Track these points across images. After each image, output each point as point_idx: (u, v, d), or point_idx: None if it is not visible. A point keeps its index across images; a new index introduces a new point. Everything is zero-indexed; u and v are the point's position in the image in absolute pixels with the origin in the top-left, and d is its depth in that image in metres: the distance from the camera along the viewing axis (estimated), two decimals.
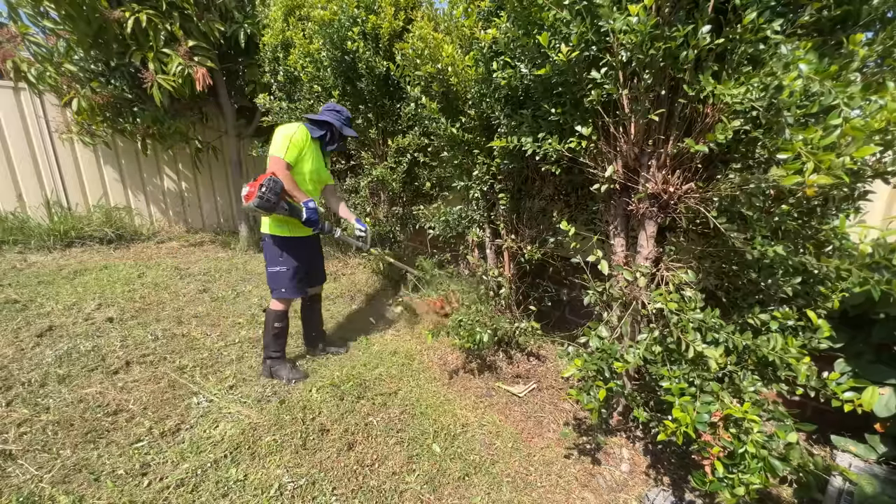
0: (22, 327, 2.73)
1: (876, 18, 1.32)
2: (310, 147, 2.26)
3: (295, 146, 2.16)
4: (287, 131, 2.16)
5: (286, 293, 2.31)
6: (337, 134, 2.37)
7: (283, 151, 2.13)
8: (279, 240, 2.27)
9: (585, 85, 1.63)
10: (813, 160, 1.03)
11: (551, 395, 2.36)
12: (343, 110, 2.39)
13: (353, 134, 2.43)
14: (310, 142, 2.25)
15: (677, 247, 1.81)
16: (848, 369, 1.76)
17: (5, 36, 3.87)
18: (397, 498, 1.65)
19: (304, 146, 2.21)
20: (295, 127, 2.19)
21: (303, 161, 2.25)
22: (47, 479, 1.60)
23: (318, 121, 2.32)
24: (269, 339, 2.37)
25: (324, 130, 2.34)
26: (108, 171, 5.11)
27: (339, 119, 2.35)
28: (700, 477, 1.37)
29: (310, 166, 2.29)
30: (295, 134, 2.16)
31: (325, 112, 2.36)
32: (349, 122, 2.42)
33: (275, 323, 2.35)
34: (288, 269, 2.29)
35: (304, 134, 2.22)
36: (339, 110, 2.37)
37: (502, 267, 2.71)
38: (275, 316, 2.35)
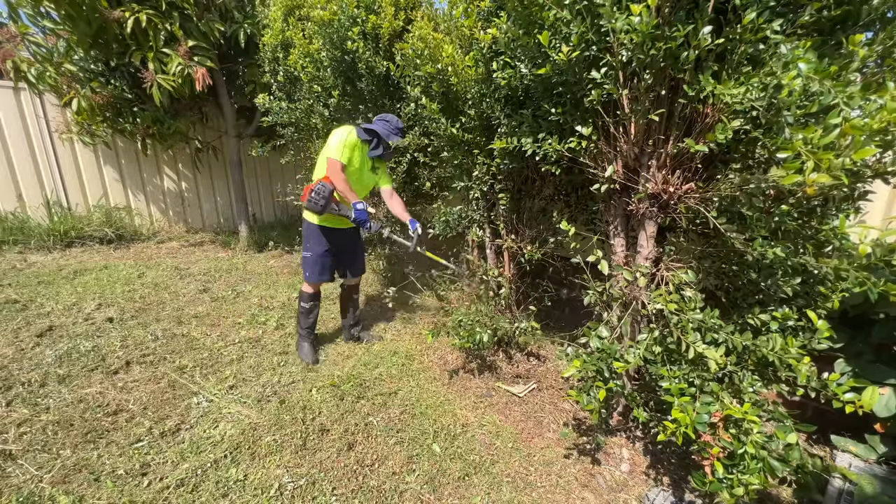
0: (22, 327, 2.73)
1: (876, 18, 1.32)
2: (359, 151, 2.39)
3: (347, 148, 2.31)
4: (341, 135, 2.30)
5: (308, 277, 2.51)
6: (384, 142, 2.44)
7: (339, 153, 2.28)
8: (309, 226, 2.47)
9: (585, 85, 1.63)
10: (813, 159, 1.03)
11: (551, 395, 2.36)
12: (393, 120, 2.44)
13: (397, 141, 2.46)
14: (359, 146, 2.38)
15: (677, 247, 1.81)
16: (848, 369, 1.76)
17: (5, 36, 3.87)
18: (397, 498, 1.65)
19: (355, 148, 2.36)
20: (348, 130, 2.34)
21: (349, 164, 2.37)
22: (47, 479, 1.60)
23: (368, 129, 2.41)
24: (299, 316, 2.62)
25: (371, 137, 2.43)
26: (108, 171, 5.11)
27: (387, 128, 2.41)
28: (700, 477, 1.37)
29: (354, 170, 2.40)
30: (348, 136, 2.31)
31: (377, 122, 2.44)
32: (399, 132, 2.46)
33: (302, 303, 2.57)
34: (311, 255, 2.48)
35: (356, 135, 2.36)
36: (388, 120, 2.44)
37: (502, 267, 2.71)
38: (303, 297, 2.57)
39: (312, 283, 2.54)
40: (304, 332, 2.63)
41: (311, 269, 2.49)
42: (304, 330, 2.63)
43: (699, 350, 1.42)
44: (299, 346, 2.65)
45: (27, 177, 4.65)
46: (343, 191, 2.30)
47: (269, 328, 3.00)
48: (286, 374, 2.41)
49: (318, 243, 2.48)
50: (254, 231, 5.41)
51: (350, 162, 2.36)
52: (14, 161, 4.56)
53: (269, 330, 2.97)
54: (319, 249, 2.47)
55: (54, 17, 3.71)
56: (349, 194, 2.32)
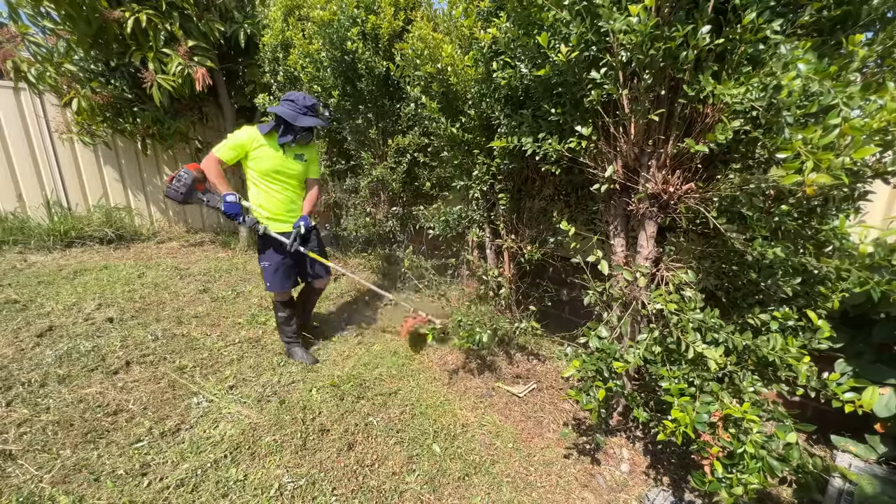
0: (22, 327, 2.73)
1: (876, 18, 1.32)
2: (262, 146, 2.23)
3: (233, 147, 2.20)
4: (235, 133, 2.22)
5: (270, 287, 2.42)
6: (295, 126, 2.21)
7: (220, 149, 2.21)
8: (262, 237, 2.35)
9: (585, 85, 1.63)
10: (812, 159, 1.03)
11: (551, 395, 2.36)
12: (300, 98, 2.21)
13: (310, 123, 2.21)
14: (259, 141, 2.23)
15: (677, 247, 1.81)
16: (848, 369, 1.76)
17: (5, 36, 3.87)
18: (397, 498, 1.65)
19: (250, 147, 2.22)
20: (244, 128, 2.24)
21: (256, 160, 2.25)
22: (47, 479, 1.60)
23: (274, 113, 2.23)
24: (279, 325, 2.58)
25: (274, 124, 2.25)
26: (108, 171, 5.11)
27: (294, 108, 2.19)
28: (699, 477, 1.37)
29: (266, 165, 2.27)
30: (238, 134, 2.22)
31: (282, 102, 2.23)
32: (310, 111, 2.23)
33: (277, 313, 2.53)
34: (269, 265, 2.38)
35: (251, 135, 2.22)
36: (293, 99, 2.21)
37: (502, 267, 2.71)
38: (276, 307, 2.52)
39: (274, 291, 2.45)
40: (290, 339, 2.60)
41: (272, 278, 2.39)
42: (290, 337, 2.59)
43: (699, 350, 1.42)
44: (291, 352, 2.60)
45: (27, 177, 4.65)
46: (214, 181, 2.22)
47: (269, 328, 3.00)
48: (286, 374, 2.41)
49: (275, 251, 2.37)
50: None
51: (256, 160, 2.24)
52: (14, 161, 4.56)
53: (269, 330, 2.97)
54: (277, 256, 2.37)
55: (54, 17, 3.71)
56: (221, 186, 2.22)
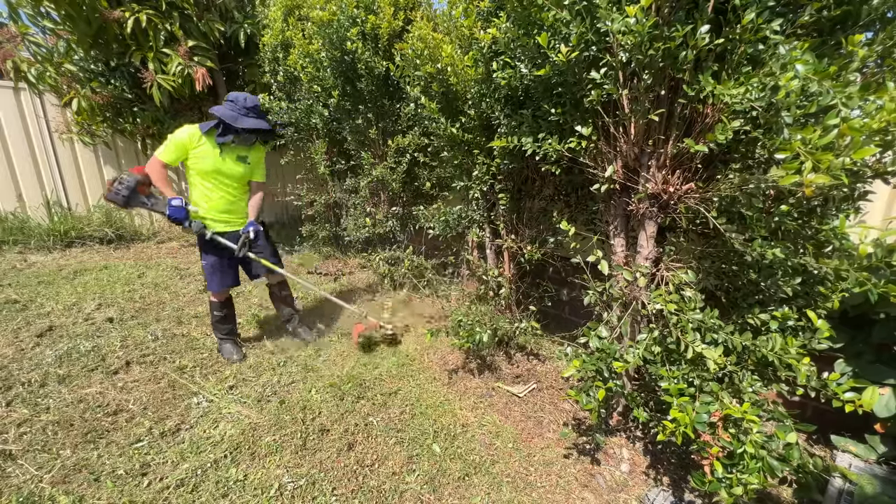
0: (22, 327, 2.73)
1: (876, 18, 1.32)
2: (202, 145, 2.19)
3: (175, 147, 2.16)
4: (175, 132, 2.17)
5: (209, 286, 2.40)
6: (233, 127, 2.17)
7: (161, 150, 2.16)
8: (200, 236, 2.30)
9: (585, 85, 1.63)
10: (811, 160, 1.03)
11: (551, 395, 2.36)
12: (241, 98, 2.20)
13: (251, 125, 2.18)
14: (199, 140, 2.19)
15: (677, 247, 1.81)
16: (848, 369, 1.76)
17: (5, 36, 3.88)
18: (397, 498, 1.65)
19: (191, 146, 2.18)
20: (186, 127, 2.18)
21: (195, 160, 2.21)
22: (47, 479, 1.61)
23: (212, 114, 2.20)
24: (214, 324, 2.54)
25: (213, 123, 2.21)
26: (108, 171, 5.11)
27: (233, 109, 2.17)
28: (699, 477, 1.37)
29: (204, 166, 2.22)
30: (178, 133, 2.17)
31: (224, 102, 2.22)
32: (251, 112, 2.21)
33: (214, 311, 2.48)
34: (209, 264, 2.35)
35: (191, 134, 2.17)
36: (233, 99, 2.19)
37: (502, 267, 2.71)
38: (213, 305, 2.47)
39: (214, 291, 2.42)
40: (224, 336, 2.56)
41: (211, 278, 2.37)
42: (224, 335, 2.56)
43: (698, 350, 1.42)
44: (220, 347, 2.57)
45: (27, 177, 4.65)
46: (159, 185, 2.19)
47: (270, 328, 3.00)
48: (286, 374, 2.41)
49: (213, 251, 2.34)
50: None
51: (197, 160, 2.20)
52: (14, 161, 4.56)
53: (270, 330, 2.97)
54: (213, 257, 2.34)
55: (54, 17, 3.71)
56: (166, 190, 2.20)
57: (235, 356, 2.52)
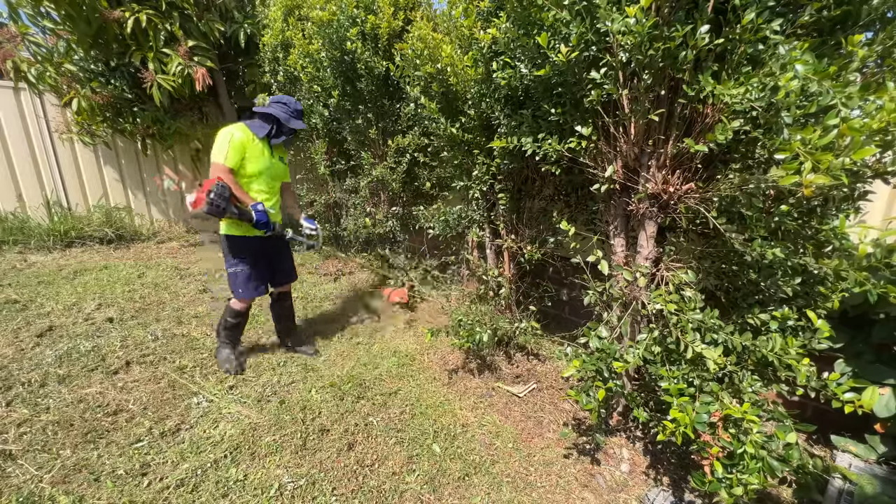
0: (22, 327, 2.73)
1: (876, 18, 1.32)
2: (254, 147, 2.17)
3: (235, 149, 2.08)
4: (226, 135, 2.08)
5: (243, 294, 2.28)
6: (286, 128, 2.25)
7: (224, 156, 2.05)
8: (235, 240, 2.22)
9: (585, 85, 1.63)
10: (811, 160, 1.03)
11: (551, 395, 2.36)
12: (292, 102, 2.26)
13: (301, 126, 2.28)
14: (254, 142, 2.17)
15: (677, 247, 1.81)
16: (848, 369, 1.76)
17: (5, 36, 3.87)
18: (397, 498, 1.65)
19: (247, 147, 2.13)
20: (232, 129, 2.11)
21: (247, 163, 2.16)
22: (47, 479, 1.61)
23: (264, 114, 2.22)
24: (220, 327, 2.41)
25: (269, 125, 2.22)
26: (108, 171, 5.11)
27: (286, 111, 2.22)
28: (699, 477, 1.37)
29: (256, 167, 2.19)
30: (234, 136, 2.08)
31: (272, 104, 2.24)
32: (299, 114, 2.29)
33: (229, 318, 2.37)
34: (244, 271, 2.25)
35: (245, 134, 2.14)
36: (286, 102, 2.24)
37: (502, 267, 2.71)
38: (231, 313, 2.36)
39: (246, 299, 2.32)
40: (226, 342, 2.44)
41: (245, 285, 2.27)
42: (226, 341, 2.44)
43: (698, 350, 1.42)
44: (218, 351, 2.46)
45: (27, 177, 4.65)
46: (237, 194, 2.10)
47: (269, 328, 3.00)
48: (286, 375, 2.41)
49: (249, 255, 2.26)
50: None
51: (247, 162, 2.15)
52: (14, 161, 4.56)
53: (269, 330, 2.97)
54: (251, 262, 2.27)
55: (54, 17, 3.71)
56: (244, 197, 2.14)
57: (232, 366, 2.40)
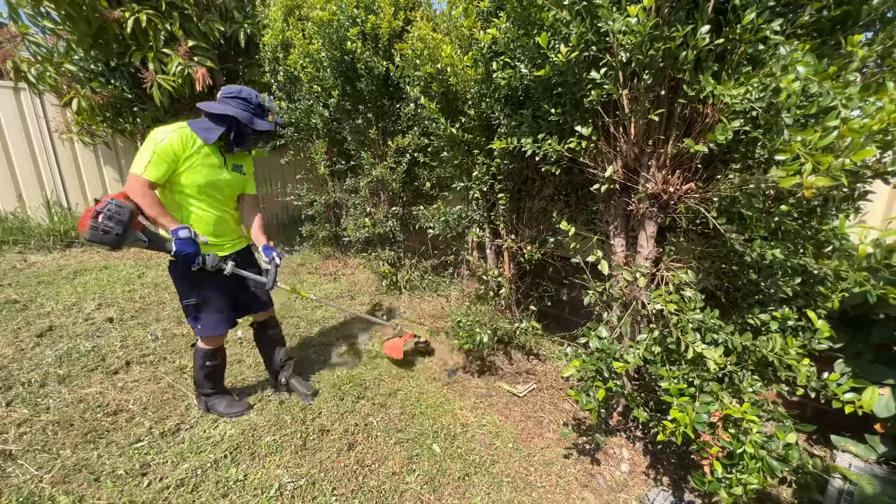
0: (22, 327, 2.73)
1: (876, 18, 1.32)
2: (197, 154, 1.69)
3: (162, 159, 1.59)
4: (156, 137, 1.61)
5: (202, 331, 1.85)
6: (248, 129, 1.77)
7: (143, 166, 1.57)
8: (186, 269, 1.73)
9: (585, 85, 1.63)
10: (811, 161, 1.03)
11: (551, 395, 2.36)
12: (253, 96, 1.77)
13: (268, 126, 1.80)
14: (195, 148, 1.68)
15: (677, 247, 1.81)
16: (848, 370, 1.76)
17: (5, 36, 3.88)
18: (397, 498, 1.65)
19: (182, 155, 1.65)
20: (168, 131, 1.63)
21: (186, 174, 1.68)
22: (47, 479, 1.61)
23: (218, 115, 1.72)
24: (199, 378, 1.98)
25: (221, 127, 1.72)
26: (108, 171, 5.11)
27: (248, 109, 1.74)
28: (699, 477, 1.37)
29: (198, 178, 1.71)
30: (163, 142, 1.60)
31: (226, 100, 1.74)
32: (263, 111, 1.81)
33: (205, 362, 1.93)
34: (202, 303, 1.81)
35: (182, 140, 1.65)
36: (246, 98, 1.75)
37: (502, 267, 2.72)
38: (203, 354, 1.92)
39: (212, 336, 1.88)
40: (212, 391, 2.02)
41: (206, 321, 1.83)
42: (212, 389, 2.02)
43: (698, 350, 1.42)
44: (210, 406, 2.03)
45: (27, 177, 4.65)
46: (153, 215, 1.61)
47: None
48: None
49: (207, 286, 1.80)
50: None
51: (186, 173, 1.67)
52: (14, 161, 4.56)
53: None
54: (212, 293, 1.82)
55: (54, 17, 3.71)
56: (163, 219, 1.63)
57: (239, 408, 2.04)
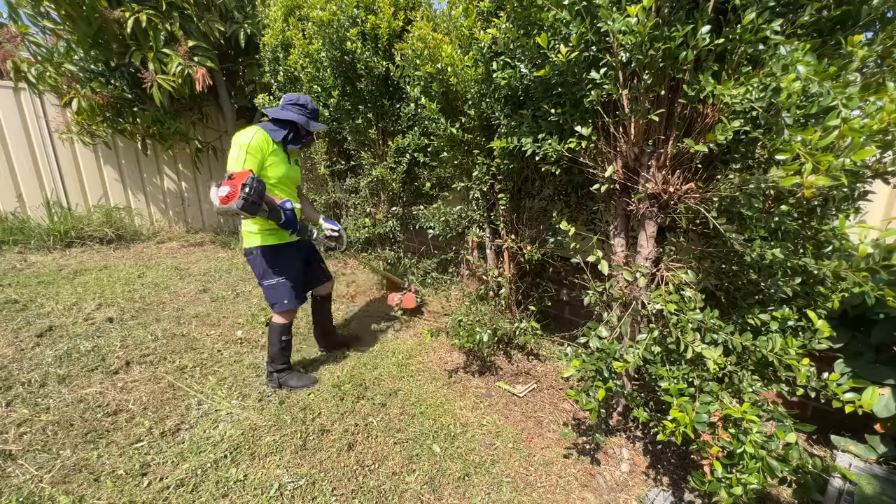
0: (22, 327, 2.73)
1: (876, 18, 1.32)
2: (273, 151, 2.04)
3: (253, 154, 1.93)
4: (242, 140, 1.93)
5: (288, 305, 2.17)
6: (303, 131, 2.17)
7: (241, 164, 1.90)
8: (270, 250, 2.11)
9: (585, 85, 1.63)
10: (811, 161, 1.03)
11: (551, 395, 2.36)
12: (308, 102, 2.15)
13: (320, 127, 2.18)
14: (271, 146, 2.03)
15: (677, 247, 1.81)
16: (848, 370, 1.76)
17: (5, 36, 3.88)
18: (397, 498, 1.65)
19: (266, 151, 2.00)
20: (251, 133, 1.96)
21: (270, 168, 2.03)
22: (47, 479, 1.61)
23: (280, 120, 2.10)
24: (275, 353, 2.25)
25: (286, 130, 2.10)
26: (108, 171, 5.12)
27: (304, 113, 2.13)
28: (699, 477, 1.37)
29: (278, 171, 2.07)
30: (251, 140, 1.93)
31: (287, 107, 2.12)
32: (316, 115, 2.21)
33: (281, 336, 2.23)
34: (284, 280, 2.14)
35: (264, 138, 1.99)
36: (303, 103, 2.13)
37: (502, 267, 2.71)
38: (280, 329, 2.22)
39: (290, 310, 2.20)
40: (285, 366, 2.31)
41: (288, 295, 2.15)
42: (285, 364, 2.31)
43: (698, 350, 1.42)
44: (283, 381, 2.30)
45: (27, 177, 4.66)
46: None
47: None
48: None
49: (287, 263, 2.16)
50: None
51: (269, 167, 2.02)
52: (14, 161, 4.57)
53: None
54: (291, 272, 2.17)
55: (54, 17, 3.71)
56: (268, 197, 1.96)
57: (307, 381, 2.31)
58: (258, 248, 2.09)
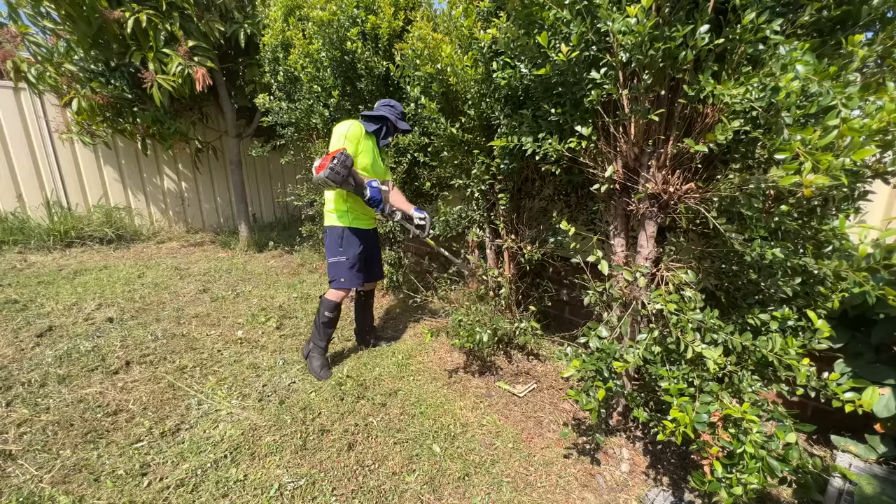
0: (22, 327, 2.73)
1: (876, 18, 1.32)
2: (365, 142, 2.30)
3: (350, 140, 2.20)
4: (341, 129, 2.21)
5: (345, 283, 2.35)
6: (391, 127, 2.41)
7: (341, 144, 2.18)
8: (342, 231, 2.35)
9: (585, 85, 1.63)
10: (811, 160, 1.03)
11: (551, 395, 2.36)
12: (397, 105, 2.43)
13: (407, 127, 2.45)
14: (364, 136, 2.29)
15: (677, 247, 1.81)
16: (848, 369, 1.76)
17: (5, 36, 3.88)
18: (397, 498, 1.65)
19: (359, 140, 2.26)
20: (348, 124, 2.23)
21: (362, 155, 2.29)
22: (47, 479, 1.61)
23: (374, 116, 2.36)
24: (318, 325, 2.41)
25: (379, 125, 2.37)
26: (108, 171, 5.12)
27: (394, 113, 2.39)
28: (699, 477, 1.37)
29: (366, 161, 2.32)
30: (349, 130, 2.21)
31: (380, 107, 2.40)
32: (403, 116, 2.47)
33: (326, 312, 2.38)
34: (347, 259, 2.34)
35: (359, 129, 2.26)
36: (393, 105, 2.41)
37: (502, 267, 2.71)
38: (329, 305, 2.38)
39: (347, 288, 2.38)
40: (323, 346, 2.45)
41: (349, 272, 2.34)
42: (323, 343, 2.44)
43: (698, 350, 1.42)
44: (310, 357, 2.46)
45: (27, 177, 4.66)
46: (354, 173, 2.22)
47: (269, 328, 3.00)
48: (286, 375, 2.41)
49: (352, 245, 2.36)
50: (254, 231, 5.41)
51: (360, 154, 2.27)
52: (14, 161, 4.57)
53: (269, 330, 2.97)
54: (354, 252, 2.36)
55: (54, 17, 3.71)
56: (358, 176, 2.22)
57: (325, 374, 2.41)
58: (333, 227, 2.36)
